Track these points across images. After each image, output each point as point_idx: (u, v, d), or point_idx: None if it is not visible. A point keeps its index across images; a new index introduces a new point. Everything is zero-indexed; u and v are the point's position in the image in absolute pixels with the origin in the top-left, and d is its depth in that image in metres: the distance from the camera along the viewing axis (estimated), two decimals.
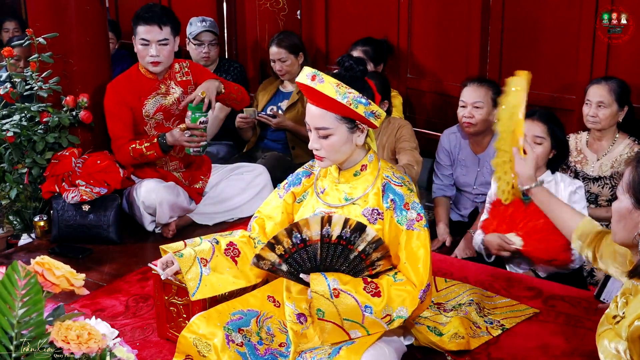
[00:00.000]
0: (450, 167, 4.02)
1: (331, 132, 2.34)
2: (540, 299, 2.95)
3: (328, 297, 2.27)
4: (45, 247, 3.62)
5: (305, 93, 2.38)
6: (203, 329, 2.31)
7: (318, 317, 2.29)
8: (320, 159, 2.41)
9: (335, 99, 2.27)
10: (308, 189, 2.55)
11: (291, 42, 4.58)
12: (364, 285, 2.31)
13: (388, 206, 2.38)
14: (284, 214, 2.57)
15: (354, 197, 2.43)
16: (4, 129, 3.65)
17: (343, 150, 2.38)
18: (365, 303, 2.27)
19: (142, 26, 3.67)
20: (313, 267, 2.35)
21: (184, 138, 3.65)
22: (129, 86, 3.75)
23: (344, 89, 2.28)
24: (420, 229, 2.36)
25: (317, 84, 2.29)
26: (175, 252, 2.51)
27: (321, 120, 2.34)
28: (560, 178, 3.27)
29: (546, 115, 3.21)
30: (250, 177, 4.06)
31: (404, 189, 2.39)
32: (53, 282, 1.56)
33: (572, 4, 3.88)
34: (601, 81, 3.56)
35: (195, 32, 4.70)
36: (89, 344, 1.49)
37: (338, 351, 2.25)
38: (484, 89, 3.79)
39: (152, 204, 3.69)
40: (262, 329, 2.38)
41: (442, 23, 4.38)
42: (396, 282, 2.32)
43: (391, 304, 2.29)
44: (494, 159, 2.59)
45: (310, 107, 2.37)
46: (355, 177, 2.45)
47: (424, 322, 2.62)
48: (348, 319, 2.28)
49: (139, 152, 3.70)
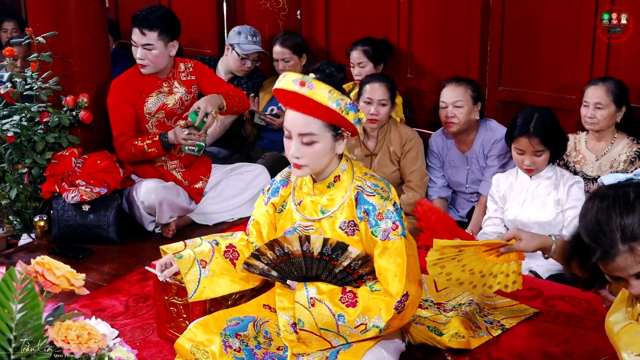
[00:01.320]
0: (441, 169, 4.07)
1: (316, 139, 2.27)
2: (540, 299, 2.95)
3: (306, 306, 2.26)
4: (45, 247, 3.63)
5: (287, 99, 2.28)
6: (200, 336, 2.29)
7: (299, 327, 2.28)
8: (299, 168, 2.31)
9: (327, 105, 2.21)
10: (286, 199, 2.49)
11: (295, 42, 4.57)
12: (341, 295, 2.28)
13: (361, 217, 2.32)
14: (270, 225, 2.53)
15: (330, 209, 2.37)
16: (4, 129, 3.65)
17: (324, 159, 2.31)
18: (339, 312, 2.25)
19: (133, 28, 3.72)
20: (300, 275, 2.34)
21: (183, 135, 3.65)
22: (132, 84, 3.77)
23: (336, 95, 2.22)
24: (396, 238, 2.28)
25: (307, 90, 2.21)
26: (174, 253, 2.50)
27: (307, 126, 2.26)
28: (560, 173, 3.35)
29: (540, 129, 3.24)
30: (250, 177, 4.06)
31: (376, 198, 2.31)
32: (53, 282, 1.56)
33: (572, 4, 3.88)
34: (598, 82, 3.57)
35: (247, 50, 4.55)
36: (89, 344, 1.49)
37: (336, 355, 2.25)
38: (462, 88, 3.83)
39: (152, 204, 3.69)
40: (260, 333, 2.37)
41: (442, 23, 4.37)
42: (373, 292, 2.28)
43: (367, 313, 2.25)
44: (486, 286, 2.54)
45: (293, 113, 2.27)
46: (329, 188, 2.38)
47: (424, 322, 2.62)
48: (324, 328, 2.27)
49: (140, 149, 3.71)
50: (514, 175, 3.44)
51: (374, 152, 3.94)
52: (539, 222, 3.30)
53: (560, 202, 3.29)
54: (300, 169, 2.32)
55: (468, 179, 4.00)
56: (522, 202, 3.35)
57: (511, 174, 3.46)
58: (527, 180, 3.37)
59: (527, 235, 2.46)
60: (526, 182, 3.37)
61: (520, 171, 3.40)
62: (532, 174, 3.34)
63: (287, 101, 2.30)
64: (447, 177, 4.08)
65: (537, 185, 3.34)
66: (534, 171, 3.31)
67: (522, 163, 3.30)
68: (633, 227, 1.72)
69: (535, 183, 3.34)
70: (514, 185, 3.41)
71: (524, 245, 2.44)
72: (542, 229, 3.30)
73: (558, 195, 3.29)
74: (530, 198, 3.34)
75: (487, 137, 3.89)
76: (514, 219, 3.36)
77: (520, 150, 3.29)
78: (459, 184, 4.05)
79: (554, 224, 3.29)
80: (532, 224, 3.31)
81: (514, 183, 3.41)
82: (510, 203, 3.40)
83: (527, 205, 3.34)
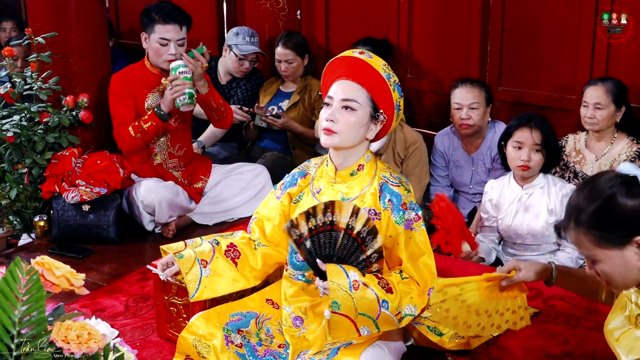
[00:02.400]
0: (445, 169, 4.06)
1: (357, 107, 2.32)
2: (540, 299, 2.95)
3: (347, 289, 2.16)
4: (45, 247, 3.63)
5: (343, 68, 2.36)
6: (202, 330, 2.30)
7: (332, 310, 2.16)
8: (330, 133, 2.32)
9: (380, 74, 2.31)
10: (304, 189, 2.50)
11: (298, 42, 4.57)
12: (378, 280, 2.25)
13: (385, 206, 2.34)
14: (281, 216, 2.53)
15: (351, 196, 2.38)
16: (4, 129, 3.65)
17: (355, 134, 2.34)
18: (383, 298, 2.20)
19: (162, 25, 3.69)
20: (328, 255, 2.25)
21: (169, 92, 3.62)
22: (134, 78, 3.78)
23: (389, 70, 2.35)
24: (418, 229, 2.34)
25: (367, 58, 2.33)
26: (175, 253, 2.50)
27: (354, 92, 2.33)
28: (552, 181, 3.29)
29: (542, 122, 3.23)
30: (250, 176, 4.06)
31: (402, 189, 2.36)
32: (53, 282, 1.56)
33: (572, 4, 3.88)
34: (597, 82, 3.56)
35: (245, 51, 4.55)
36: (89, 344, 1.49)
37: (337, 351, 2.24)
38: (477, 89, 3.83)
39: (151, 203, 3.69)
40: (262, 330, 2.38)
41: (442, 23, 4.37)
42: (403, 280, 2.29)
43: (401, 302, 2.24)
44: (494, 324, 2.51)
45: (343, 82, 2.35)
46: (352, 176, 2.40)
47: (424, 322, 2.62)
48: (363, 314, 2.19)
49: (138, 128, 3.70)
50: (506, 182, 3.39)
51: (378, 152, 3.94)
52: (533, 232, 3.28)
53: (554, 212, 3.23)
54: (330, 136, 2.33)
55: (472, 179, 3.99)
56: (515, 212, 3.31)
57: (503, 180, 3.41)
58: (519, 189, 3.32)
59: (526, 265, 2.43)
60: (518, 191, 3.33)
61: (512, 180, 3.36)
62: (526, 174, 3.26)
63: (341, 72, 2.37)
64: (451, 176, 4.07)
65: (529, 195, 3.29)
66: (528, 170, 3.23)
67: (519, 159, 3.22)
68: (582, 214, 1.89)
69: (528, 193, 3.30)
70: (505, 192, 3.36)
71: (524, 275, 2.40)
72: (536, 239, 3.29)
73: (551, 204, 3.24)
74: (522, 208, 3.30)
75: (494, 140, 3.85)
76: (506, 228, 3.34)
77: (518, 143, 3.23)
78: (462, 185, 4.04)
79: (547, 234, 3.27)
80: (526, 234, 3.29)
81: (506, 191, 3.36)
82: (502, 212, 3.36)
83: (519, 215, 3.30)
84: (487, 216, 3.43)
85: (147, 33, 3.75)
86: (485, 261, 3.32)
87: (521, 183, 3.32)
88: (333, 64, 2.41)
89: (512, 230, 3.31)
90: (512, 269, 2.42)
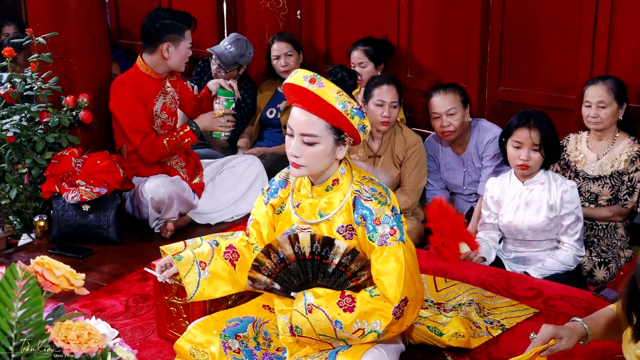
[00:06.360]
0: (437, 172, 4.09)
1: (318, 141, 2.25)
2: (540, 299, 2.95)
3: (303, 312, 2.23)
4: (45, 247, 3.63)
5: (295, 96, 2.26)
6: (199, 338, 2.29)
7: (297, 334, 2.26)
8: (297, 167, 2.29)
9: (334, 105, 2.20)
10: (284, 200, 2.47)
11: (292, 37, 4.60)
12: (339, 299, 2.25)
13: (359, 222, 2.29)
14: (269, 225, 2.51)
15: (328, 213, 2.35)
16: (4, 129, 3.65)
17: (324, 161, 2.29)
18: (336, 318, 2.21)
19: (191, 31, 3.85)
20: (300, 283, 2.32)
21: (219, 123, 3.81)
22: (138, 84, 3.76)
23: (344, 97, 2.21)
24: (393, 243, 2.25)
25: (317, 88, 2.20)
26: (174, 254, 2.50)
27: (310, 126, 2.25)
28: (553, 177, 3.30)
29: (541, 120, 3.23)
30: (242, 167, 4.10)
31: (374, 203, 2.28)
32: (53, 282, 1.56)
33: (572, 4, 3.88)
34: (598, 81, 3.56)
35: (213, 49, 4.56)
36: (89, 344, 1.49)
37: (335, 355, 2.24)
38: (451, 95, 3.82)
39: (162, 198, 3.70)
40: (259, 333, 2.37)
41: (442, 23, 4.37)
42: (372, 297, 2.25)
43: (365, 318, 2.22)
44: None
45: (299, 111, 2.26)
46: (327, 192, 2.36)
47: (424, 322, 2.62)
48: (322, 334, 2.24)
49: (174, 144, 3.77)
50: (507, 179, 3.39)
51: (377, 154, 3.93)
52: (533, 228, 3.28)
53: (554, 207, 3.24)
54: (298, 169, 2.30)
55: (465, 180, 4.01)
56: (516, 207, 3.32)
57: (504, 177, 3.42)
58: (520, 185, 3.33)
59: (567, 332, 2.17)
60: (519, 187, 3.33)
61: (513, 176, 3.37)
62: (526, 172, 3.27)
63: (294, 98, 2.28)
64: (444, 179, 4.09)
65: (530, 191, 3.30)
66: (527, 169, 3.24)
67: (518, 158, 3.23)
68: None
69: (529, 188, 3.30)
70: (506, 189, 3.37)
71: (567, 344, 2.16)
72: (536, 235, 3.29)
73: (552, 200, 3.25)
74: (523, 204, 3.30)
75: (480, 138, 3.90)
76: (507, 224, 3.34)
77: (518, 143, 3.23)
78: (456, 186, 4.06)
79: (547, 230, 3.27)
80: (526, 230, 3.30)
81: (507, 187, 3.37)
82: (504, 208, 3.37)
83: (520, 211, 3.30)
84: (489, 213, 3.44)
85: (171, 41, 3.72)
86: (486, 261, 3.32)
87: (522, 179, 3.33)
88: (286, 89, 2.30)
89: (513, 226, 3.32)
90: (552, 337, 2.19)
